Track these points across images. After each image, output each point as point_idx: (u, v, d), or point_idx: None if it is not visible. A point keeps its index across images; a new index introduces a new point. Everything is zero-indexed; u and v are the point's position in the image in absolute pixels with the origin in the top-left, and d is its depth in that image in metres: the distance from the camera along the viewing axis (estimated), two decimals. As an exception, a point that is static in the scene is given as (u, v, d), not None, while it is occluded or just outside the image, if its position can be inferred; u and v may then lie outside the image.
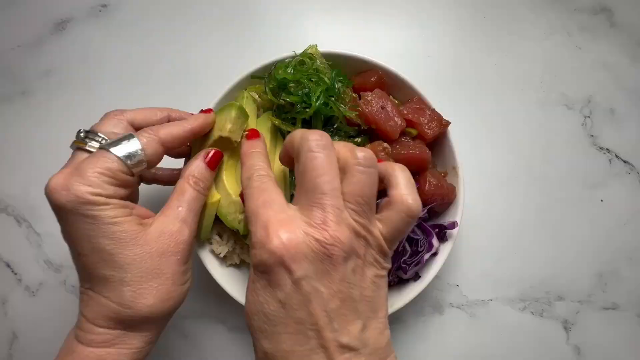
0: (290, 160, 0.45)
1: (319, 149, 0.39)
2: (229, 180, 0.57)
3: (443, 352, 0.68)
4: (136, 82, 0.75)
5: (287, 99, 0.55)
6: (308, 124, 0.57)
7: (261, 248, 0.36)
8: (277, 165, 0.58)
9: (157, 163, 0.49)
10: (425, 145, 0.59)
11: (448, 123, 0.60)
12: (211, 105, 0.59)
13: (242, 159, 0.47)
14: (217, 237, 0.60)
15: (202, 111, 0.55)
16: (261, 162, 0.45)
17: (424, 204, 0.58)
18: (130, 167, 0.45)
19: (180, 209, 0.47)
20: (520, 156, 0.74)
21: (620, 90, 0.76)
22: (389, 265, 0.42)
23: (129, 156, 0.45)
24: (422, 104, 0.60)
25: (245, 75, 0.60)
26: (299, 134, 0.42)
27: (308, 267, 0.36)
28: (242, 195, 0.51)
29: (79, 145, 0.47)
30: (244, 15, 0.78)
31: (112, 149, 0.44)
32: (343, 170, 0.40)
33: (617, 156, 0.74)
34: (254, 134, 0.50)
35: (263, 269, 0.37)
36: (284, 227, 0.36)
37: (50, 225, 0.49)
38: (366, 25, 0.78)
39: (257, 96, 0.61)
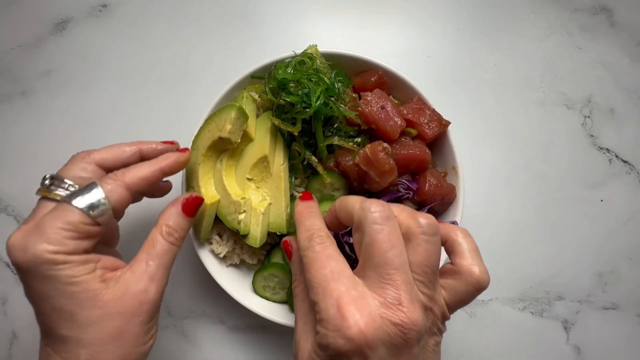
0: (339, 225, 0.45)
1: (383, 220, 0.39)
2: (228, 181, 0.57)
3: (443, 352, 0.68)
4: (136, 82, 0.75)
5: (287, 99, 0.55)
6: (308, 124, 0.57)
7: (335, 331, 0.35)
8: (277, 164, 0.58)
9: (125, 208, 0.47)
10: (425, 145, 0.59)
11: (448, 123, 0.60)
12: (211, 105, 0.59)
13: (298, 218, 0.45)
14: (217, 237, 0.60)
15: (178, 150, 0.53)
16: (320, 222, 0.44)
17: (424, 204, 0.59)
18: (94, 218, 0.43)
19: (150, 263, 0.45)
20: (520, 156, 0.74)
21: (620, 90, 0.76)
22: (445, 329, 0.42)
23: (92, 206, 0.42)
24: (422, 104, 0.60)
25: (245, 75, 0.60)
26: (357, 204, 0.41)
27: (383, 352, 0.35)
28: (285, 245, 0.49)
29: (44, 194, 0.45)
30: (244, 16, 0.78)
31: (74, 201, 0.42)
32: (406, 238, 0.40)
33: (617, 156, 0.74)
34: (307, 196, 0.48)
35: (335, 354, 0.35)
36: (359, 310, 0.35)
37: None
38: (366, 25, 0.78)
39: (257, 96, 0.61)
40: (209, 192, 0.56)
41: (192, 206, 0.49)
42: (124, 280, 0.43)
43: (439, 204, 0.59)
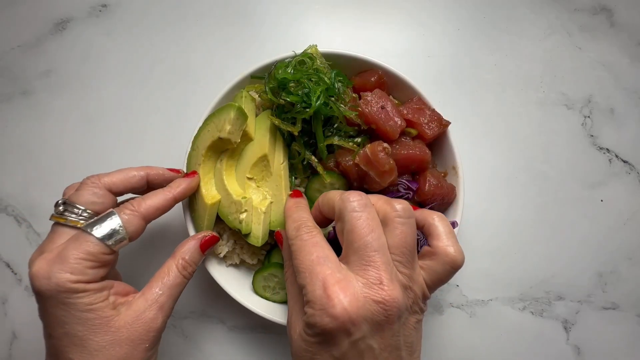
0: (324, 219, 0.49)
1: (361, 208, 0.42)
2: (229, 181, 0.57)
3: (443, 352, 0.68)
4: (136, 82, 0.75)
5: (287, 99, 0.55)
6: (308, 124, 0.57)
7: (322, 310, 0.38)
8: (277, 163, 0.58)
9: (140, 235, 0.49)
10: (425, 145, 0.59)
11: (448, 123, 0.60)
12: (211, 105, 0.59)
13: (287, 212, 0.49)
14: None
15: (185, 174, 0.55)
16: (307, 214, 0.47)
17: (424, 204, 0.59)
18: (111, 247, 0.45)
19: (161, 293, 0.47)
20: (520, 156, 0.74)
21: (620, 90, 0.76)
22: (426, 308, 0.44)
23: (111, 236, 0.45)
24: (422, 104, 0.60)
25: (245, 75, 0.60)
26: (337, 196, 0.44)
27: (366, 328, 0.38)
28: (277, 235, 0.54)
29: (58, 220, 0.47)
30: (244, 16, 0.78)
31: (94, 231, 0.45)
32: (384, 222, 0.43)
33: (617, 156, 0.74)
34: (297, 194, 0.52)
35: (321, 332, 0.38)
36: (343, 290, 0.38)
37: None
38: (366, 25, 0.78)
39: (257, 95, 0.61)
40: (209, 192, 0.56)
41: (210, 244, 0.53)
42: (136, 307, 0.46)
43: (439, 204, 0.58)
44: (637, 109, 0.76)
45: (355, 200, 0.42)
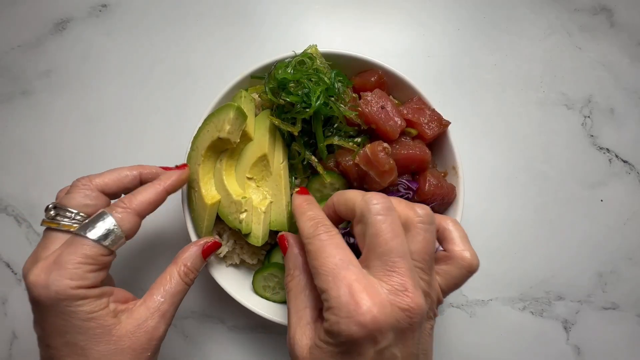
0: (338, 218, 0.46)
1: (385, 211, 0.40)
2: (229, 181, 0.57)
3: (443, 352, 0.68)
4: (136, 82, 0.75)
5: (287, 99, 0.55)
6: (308, 124, 0.57)
7: (348, 318, 0.36)
8: (277, 163, 0.58)
9: (137, 232, 0.48)
10: (425, 145, 0.59)
11: (448, 123, 0.60)
12: (211, 105, 0.59)
13: (298, 209, 0.46)
14: (217, 237, 0.60)
15: (176, 167, 0.54)
16: (322, 212, 0.45)
17: (424, 204, 0.59)
18: (109, 247, 0.44)
19: (163, 300, 0.46)
20: (520, 156, 0.74)
21: (620, 90, 0.76)
22: (438, 314, 0.44)
23: (106, 236, 0.44)
24: (422, 104, 0.60)
25: (245, 75, 0.60)
26: (359, 198, 0.42)
27: (392, 336, 0.36)
28: (281, 239, 0.50)
29: (50, 225, 0.46)
30: (244, 16, 0.78)
31: (88, 233, 0.43)
32: (405, 228, 0.41)
33: (616, 156, 0.74)
34: (304, 191, 0.50)
35: (346, 340, 0.36)
36: (371, 297, 0.36)
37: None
38: (366, 25, 0.78)
39: (257, 96, 0.61)
40: (209, 192, 0.56)
41: (212, 250, 0.53)
42: (137, 315, 0.45)
43: (439, 204, 0.58)
44: (637, 109, 0.76)
45: (379, 204, 0.40)
